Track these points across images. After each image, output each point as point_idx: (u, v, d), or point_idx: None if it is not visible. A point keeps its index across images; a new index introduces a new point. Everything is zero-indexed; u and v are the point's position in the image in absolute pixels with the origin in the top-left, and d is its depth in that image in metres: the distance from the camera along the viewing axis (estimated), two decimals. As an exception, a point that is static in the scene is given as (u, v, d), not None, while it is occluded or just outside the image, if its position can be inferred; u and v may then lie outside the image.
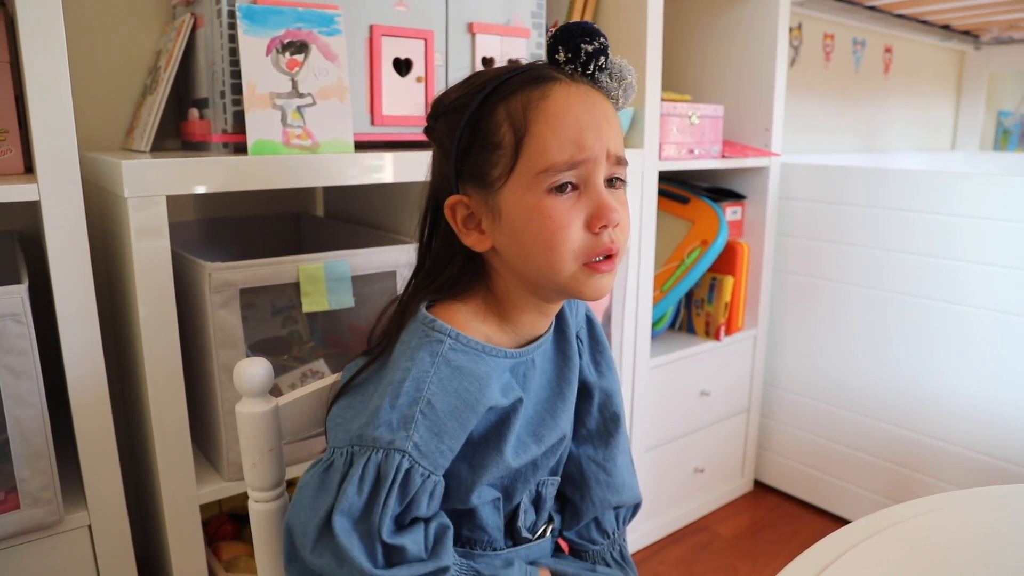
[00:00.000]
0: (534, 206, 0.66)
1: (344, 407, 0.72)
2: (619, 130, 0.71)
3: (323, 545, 0.64)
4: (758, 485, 2.15)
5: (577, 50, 0.69)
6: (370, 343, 0.76)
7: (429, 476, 0.65)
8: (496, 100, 0.68)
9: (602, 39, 0.69)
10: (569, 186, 0.67)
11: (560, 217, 0.66)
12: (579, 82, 0.69)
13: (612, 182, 0.70)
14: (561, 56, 0.70)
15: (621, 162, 0.70)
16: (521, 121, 0.66)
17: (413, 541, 0.65)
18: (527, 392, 0.75)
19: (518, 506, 0.77)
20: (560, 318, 0.82)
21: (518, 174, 0.67)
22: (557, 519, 0.85)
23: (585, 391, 0.85)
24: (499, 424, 0.71)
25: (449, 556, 0.67)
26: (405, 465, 0.63)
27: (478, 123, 0.68)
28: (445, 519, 0.70)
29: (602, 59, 0.70)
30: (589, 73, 0.70)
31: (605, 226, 0.67)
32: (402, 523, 0.66)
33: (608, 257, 0.68)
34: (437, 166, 0.74)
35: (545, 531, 0.82)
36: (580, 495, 0.85)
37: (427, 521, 0.68)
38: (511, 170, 0.67)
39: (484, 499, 0.73)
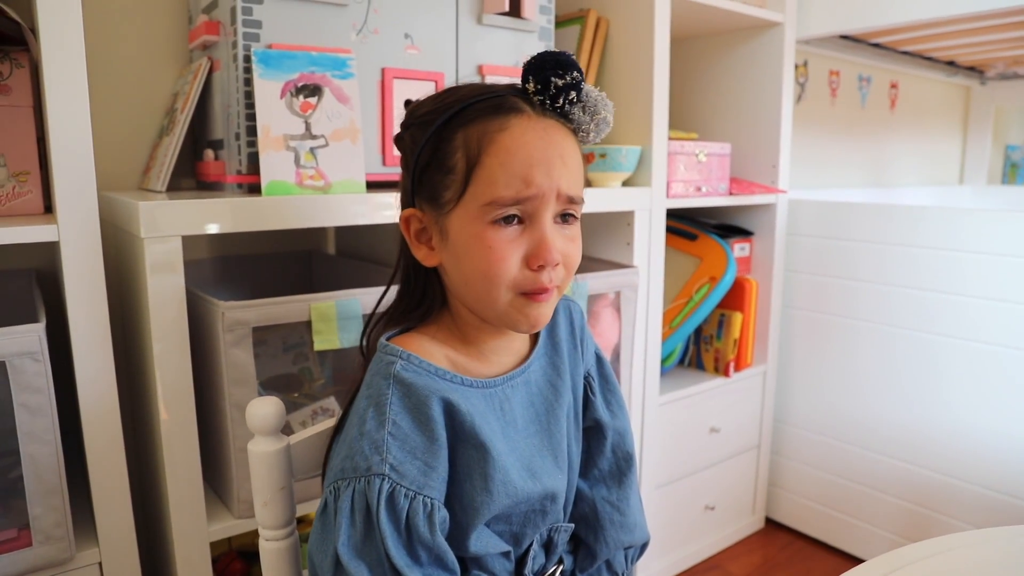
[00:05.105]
0: (477, 235, 0.67)
1: (333, 449, 0.73)
2: (576, 168, 0.70)
3: None
4: (769, 523, 2.12)
5: (547, 83, 0.68)
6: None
7: (416, 496, 0.64)
8: (457, 124, 0.68)
9: (575, 73, 0.68)
10: (515, 219, 0.67)
11: (501, 249, 0.67)
12: (544, 116, 0.69)
13: (565, 218, 0.70)
14: (531, 86, 0.69)
15: (574, 200, 0.69)
16: (475, 151, 0.67)
17: None
18: (507, 426, 0.74)
19: (527, 551, 0.76)
20: (557, 352, 0.81)
21: (466, 201, 0.67)
22: (568, 560, 0.84)
23: (598, 431, 0.85)
24: (480, 461, 0.69)
25: None
26: (386, 487, 0.63)
27: (438, 144, 0.69)
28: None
29: (573, 94, 0.69)
30: (559, 107, 0.69)
31: (543, 266, 0.67)
32: (416, 556, 0.64)
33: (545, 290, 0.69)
34: (402, 177, 0.75)
35: (554, 573, 0.81)
36: (594, 536, 0.84)
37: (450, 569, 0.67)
38: (460, 196, 0.68)
39: (489, 549, 0.72)
